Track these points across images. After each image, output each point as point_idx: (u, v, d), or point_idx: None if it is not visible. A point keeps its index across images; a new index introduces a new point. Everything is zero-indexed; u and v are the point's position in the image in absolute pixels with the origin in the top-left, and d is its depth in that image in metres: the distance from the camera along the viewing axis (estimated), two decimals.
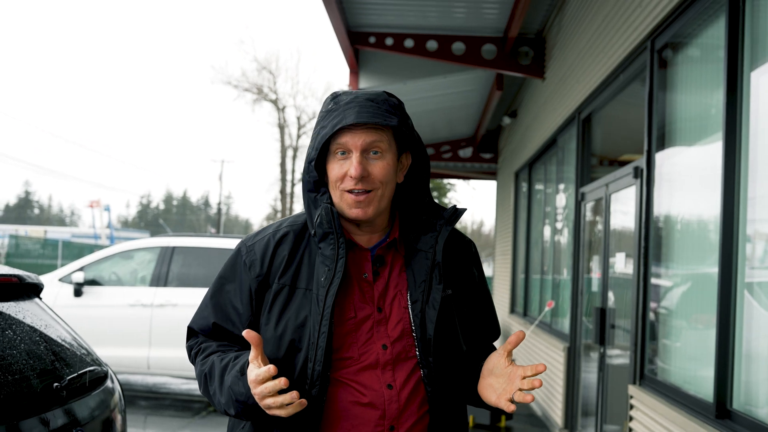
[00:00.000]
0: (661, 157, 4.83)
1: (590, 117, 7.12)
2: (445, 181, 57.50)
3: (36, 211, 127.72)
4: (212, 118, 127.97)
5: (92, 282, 9.25)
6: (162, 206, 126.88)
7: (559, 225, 8.59)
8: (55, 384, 2.39)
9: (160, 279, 8.99)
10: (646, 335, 4.86)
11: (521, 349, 10.21)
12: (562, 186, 8.42)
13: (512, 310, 12.25)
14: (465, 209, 2.02)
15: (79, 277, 9.08)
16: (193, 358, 2.06)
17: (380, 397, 1.89)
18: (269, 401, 1.77)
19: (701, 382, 4.03)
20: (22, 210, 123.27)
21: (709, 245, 4.00)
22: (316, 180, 1.97)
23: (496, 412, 7.81)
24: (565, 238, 8.14)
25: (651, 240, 4.85)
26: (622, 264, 5.66)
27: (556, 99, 8.37)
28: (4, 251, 38.72)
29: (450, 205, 2.00)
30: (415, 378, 1.93)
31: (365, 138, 1.89)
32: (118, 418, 2.88)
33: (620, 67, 5.70)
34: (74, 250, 34.23)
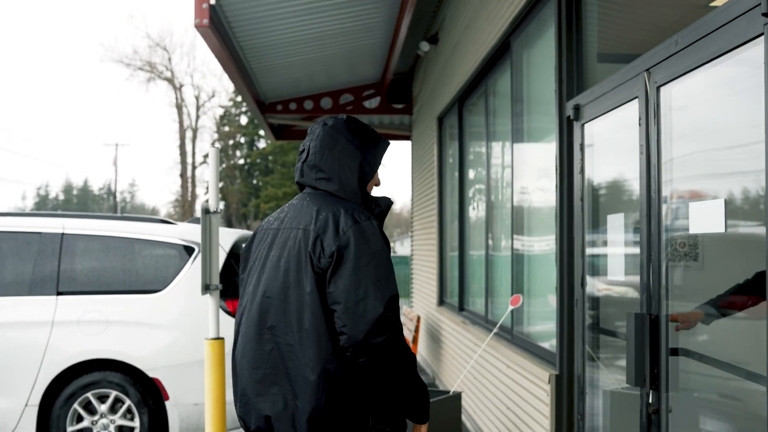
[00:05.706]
0: None
1: None
2: None
3: None
4: (105, 100, 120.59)
5: None
6: (62, 196, 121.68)
7: (521, 173, 5.54)
8: None
9: None
10: None
11: (476, 376, 7.17)
12: (524, 109, 5.42)
13: (441, 302, 9.23)
14: None
15: None
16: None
17: None
18: None
19: None
20: None
21: None
22: None
23: None
24: (537, 190, 5.14)
25: None
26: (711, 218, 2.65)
27: None
28: None
29: None
30: None
31: None
32: None
33: None
34: None
